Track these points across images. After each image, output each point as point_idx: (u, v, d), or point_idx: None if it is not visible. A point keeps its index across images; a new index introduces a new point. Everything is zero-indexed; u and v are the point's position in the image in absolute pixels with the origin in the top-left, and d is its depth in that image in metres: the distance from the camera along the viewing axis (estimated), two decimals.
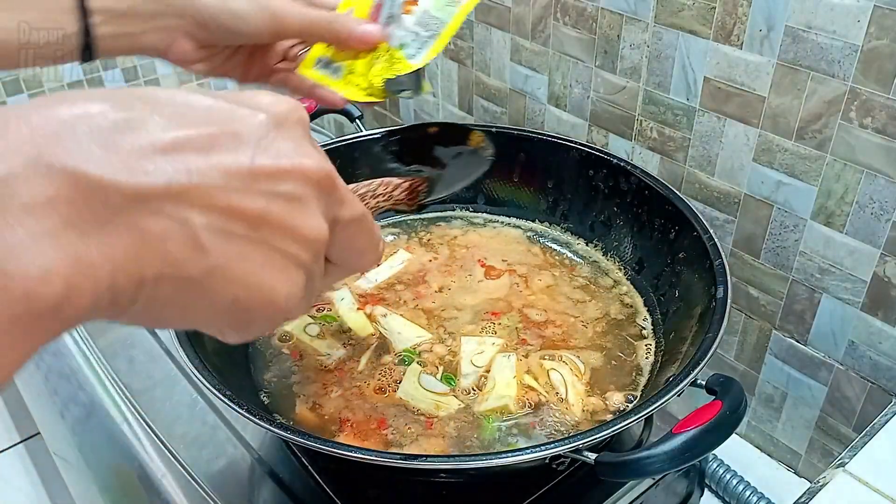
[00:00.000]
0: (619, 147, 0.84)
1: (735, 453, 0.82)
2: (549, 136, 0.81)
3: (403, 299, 0.75)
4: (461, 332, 0.70)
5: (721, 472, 0.79)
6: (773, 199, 0.72)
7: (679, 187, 0.78)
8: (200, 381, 0.54)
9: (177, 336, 0.57)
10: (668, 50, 0.74)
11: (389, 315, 0.72)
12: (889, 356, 0.69)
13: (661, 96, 0.77)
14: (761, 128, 0.70)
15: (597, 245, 0.80)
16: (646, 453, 0.46)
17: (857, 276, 0.68)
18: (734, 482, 0.78)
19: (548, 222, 0.83)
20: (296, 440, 0.51)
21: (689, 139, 0.76)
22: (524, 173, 0.83)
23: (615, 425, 0.49)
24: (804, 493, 0.52)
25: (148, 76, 1.44)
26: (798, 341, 0.76)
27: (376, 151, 0.64)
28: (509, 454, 0.49)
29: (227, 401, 0.53)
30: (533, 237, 0.83)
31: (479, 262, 0.79)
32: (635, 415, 0.50)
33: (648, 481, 0.65)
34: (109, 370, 0.77)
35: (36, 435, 1.02)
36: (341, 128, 1.28)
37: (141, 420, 0.71)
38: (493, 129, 0.84)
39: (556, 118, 0.90)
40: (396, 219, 0.85)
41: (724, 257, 0.63)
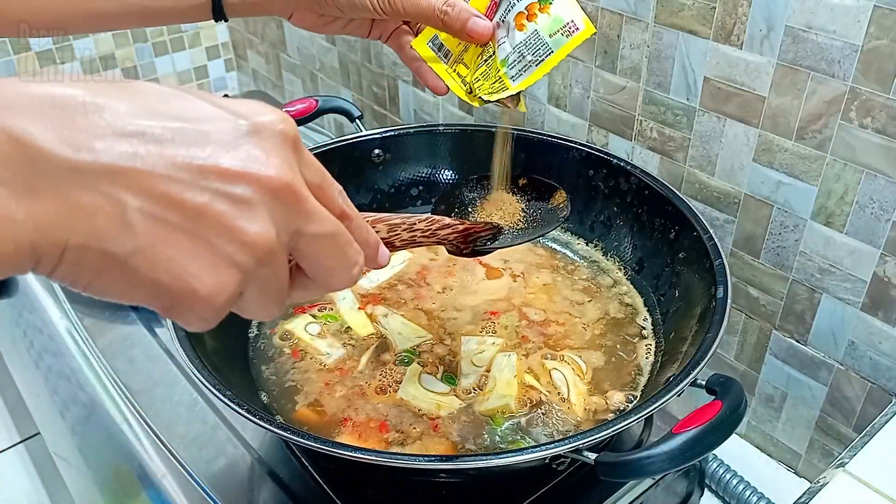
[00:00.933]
0: (619, 147, 0.84)
1: (735, 453, 0.82)
2: (549, 136, 0.81)
3: (404, 299, 0.75)
4: (461, 332, 0.70)
5: (721, 472, 0.79)
6: (773, 199, 0.72)
7: (679, 187, 0.78)
8: (200, 381, 0.54)
9: (177, 336, 0.58)
10: (668, 50, 0.74)
11: (390, 315, 0.72)
12: (889, 356, 0.69)
13: (661, 96, 0.77)
14: (761, 128, 0.70)
15: (597, 245, 0.80)
16: (646, 453, 0.46)
17: (857, 276, 0.68)
18: (734, 482, 0.78)
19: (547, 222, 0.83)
20: (296, 440, 0.51)
21: (689, 139, 0.76)
22: (523, 173, 0.83)
23: (615, 425, 0.49)
24: (804, 493, 0.52)
25: (148, 76, 1.44)
26: (798, 341, 0.76)
27: (454, 192, 0.66)
28: (509, 454, 0.49)
29: (227, 401, 0.53)
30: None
31: (478, 262, 0.79)
32: (635, 415, 0.50)
33: (648, 481, 0.65)
34: (109, 370, 0.77)
35: (36, 435, 1.02)
36: (341, 128, 1.28)
37: (141, 420, 0.71)
38: (493, 129, 0.84)
39: (556, 118, 0.90)
40: None
41: (724, 257, 0.63)
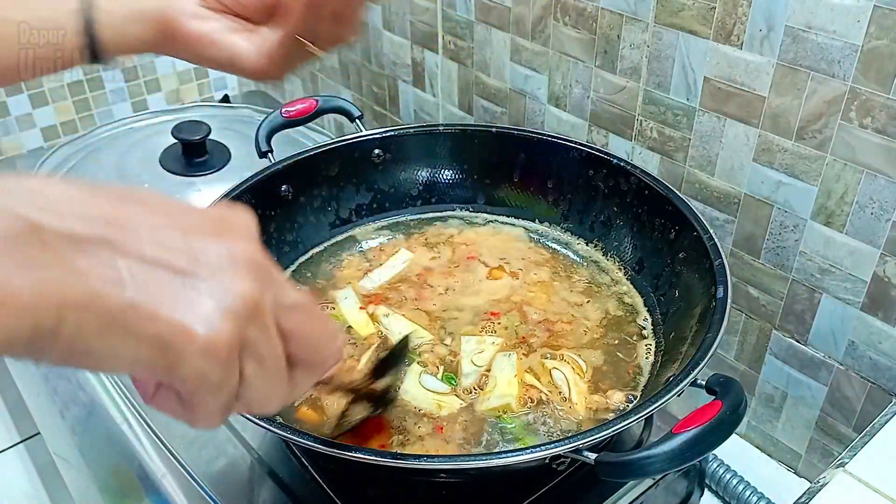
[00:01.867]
0: (619, 147, 0.84)
1: (735, 453, 0.82)
2: (549, 136, 0.81)
3: (406, 299, 0.75)
4: (461, 333, 0.70)
5: (721, 472, 0.79)
6: (773, 199, 0.72)
7: (679, 187, 0.78)
8: None
9: None
10: (668, 50, 0.74)
11: (391, 315, 0.72)
12: (889, 356, 0.69)
13: (661, 96, 0.77)
14: (761, 128, 0.70)
15: (597, 245, 0.80)
16: (646, 453, 0.46)
17: (857, 276, 0.68)
18: (734, 482, 0.78)
19: (548, 222, 0.83)
20: (296, 440, 0.51)
21: (689, 139, 0.76)
22: (524, 173, 0.83)
23: (615, 425, 0.49)
24: (804, 493, 0.52)
25: (148, 76, 1.44)
26: (798, 341, 0.76)
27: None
28: (509, 454, 0.49)
29: None
30: (533, 237, 0.83)
31: (478, 260, 0.79)
32: (635, 415, 0.50)
33: (648, 481, 0.65)
34: None
35: (36, 435, 1.02)
36: (341, 128, 1.28)
37: (141, 420, 0.71)
38: (493, 129, 0.84)
39: (556, 118, 0.90)
40: (395, 219, 0.85)
41: (724, 257, 0.63)
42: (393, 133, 0.85)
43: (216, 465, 0.67)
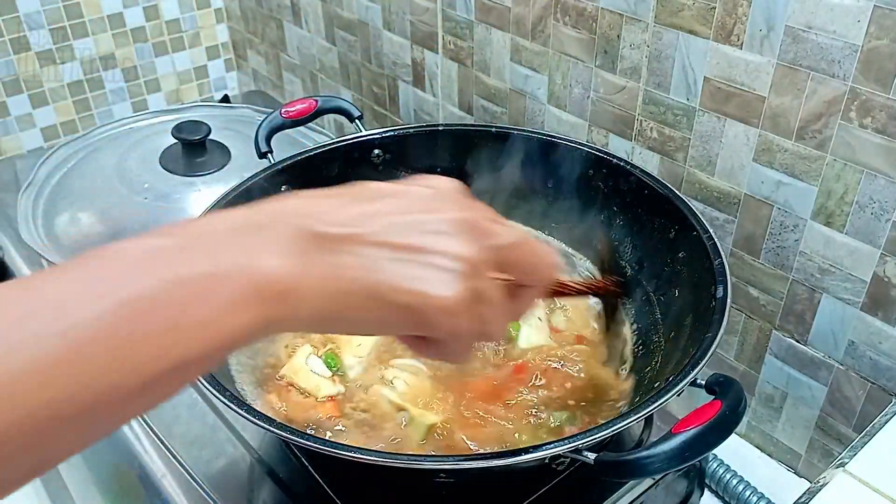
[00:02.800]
0: (619, 147, 0.84)
1: (735, 453, 0.82)
2: (550, 136, 0.81)
3: None
4: None
5: (721, 472, 0.79)
6: (773, 199, 0.72)
7: (679, 187, 0.78)
8: (200, 381, 0.54)
9: None
10: (668, 50, 0.74)
11: None
12: (889, 356, 0.69)
13: (661, 96, 0.77)
14: (761, 128, 0.70)
15: (597, 245, 0.79)
16: (646, 453, 0.45)
17: (857, 276, 0.68)
18: (734, 482, 0.78)
19: (547, 222, 0.83)
20: (296, 440, 0.51)
21: (689, 139, 0.76)
22: (524, 173, 0.83)
23: (615, 425, 0.49)
24: (804, 493, 0.52)
25: (148, 76, 1.44)
26: (798, 341, 0.76)
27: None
28: (509, 454, 0.49)
29: (226, 401, 0.53)
30: (532, 237, 0.83)
31: None
32: (635, 415, 0.50)
33: (648, 481, 0.65)
34: None
35: None
36: (341, 128, 1.28)
37: (141, 420, 0.71)
38: (493, 129, 0.84)
39: (556, 118, 0.90)
40: None
41: (724, 257, 0.63)
42: (393, 133, 0.85)
43: (216, 465, 0.67)
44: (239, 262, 0.33)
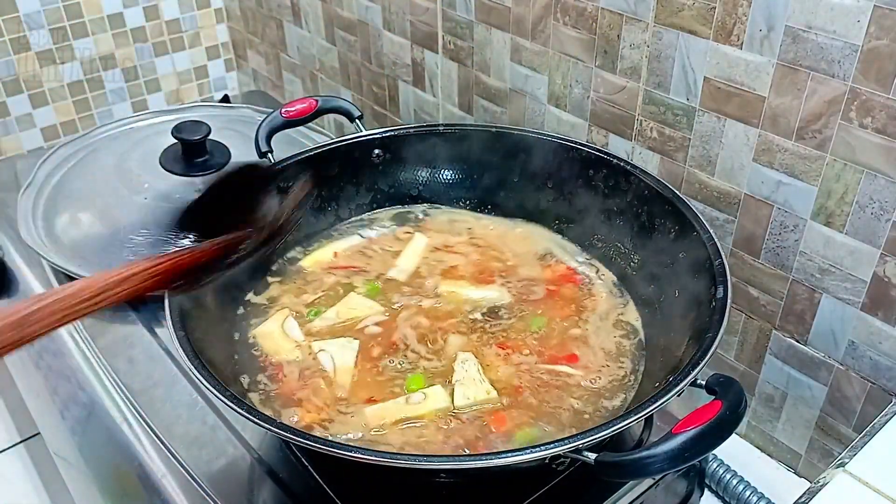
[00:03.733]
0: (619, 147, 0.84)
1: (735, 453, 0.82)
2: (549, 136, 0.81)
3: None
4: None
5: (721, 472, 0.79)
6: (773, 199, 0.72)
7: (679, 187, 0.78)
8: (200, 381, 0.54)
9: (176, 336, 0.57)
10: (668, 50, 0.74)
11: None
12: (889, 356, 0.69)
13: (661, 96, 0.77)
14: (761, 128, 0.70)
15: (597, 245, 0.79)
16: (646, 453, 0.46)
17: (857, 276, 0.68)
18: (734, 482, 0.78)
19: (548, 222, 0.83)
20: (296, 440, 0.51)
21: (689, 139, 0.76)
22: (524, 173, 0.83)
23: (615, 425, 0.49)
24: (804, 493, 0.52)
25: (148, 76, 1.44)
26: (798, 341, 0.76)
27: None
28: (509, 454, 0.49)
29: (227, 401, 0.53)
30: (532, 237, 0.83)
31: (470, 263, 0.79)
32: (635, 415, 0.50)
33: (648, 481, 0.65)
34: (109, 370, 0.77)
35: (36, 435, 1.02)
36: (341, 128, 1.28)
37: (141, 420, 0.71)
38: (493, 129, 0.84)
39: (556, 118, 0.90)
40: (397, 211, 0.85)
41: (724, 257, 0.63)
42: (393, 133, 0.85)
43: (216, 465, 0.67)
44: None
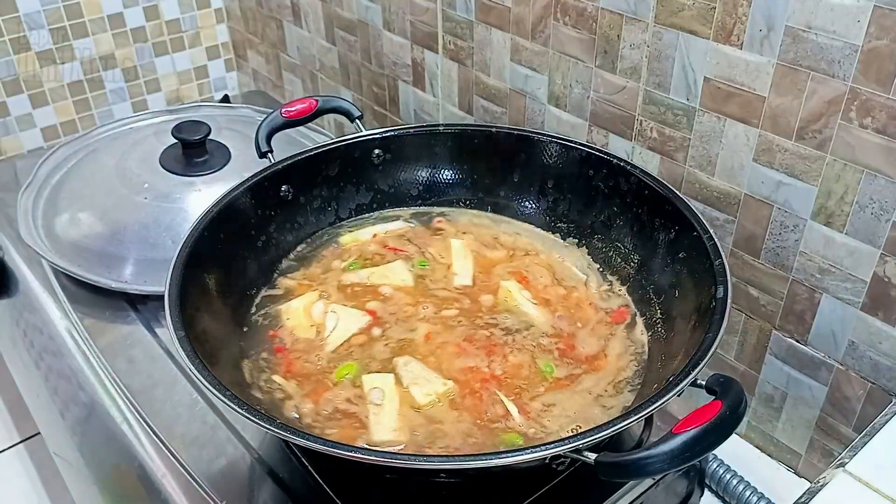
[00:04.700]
0: (619, 147, 0.84)
1: (735, 453, 0.82)
2: (549, 136, 0.81)
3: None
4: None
5: (721, 472, 0.79)
6: (773, 199, 0.72)
7: (679, 187, 0.78)
8: (200, 381, 0.54)
9: (176, 336, 0.57)
10: (668, 50, 0.74)
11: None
12: (889, 356, 0.69)
13: (661, 96, 0.77)
14: (761, 128, 0.70)
15: (597, 245, 0.79)
16: (646, 453, 0.46)
17: (857, 276, 0.68)
18: (734, 482, 0.78)
19: (547, 222, 0.83)
20: (296, 440, 0.51)
21: (689, 139, 0.76)
22: (524, 173, 0.83)
23: (615, 425, 0.49)
24: (804, 493, 0.52)
25: (148, 76, 1.44)
26: (798, 341, 0.76)
27: None
28: (509, 454, 0.49)
29: (227, 401, 0.53)
30: (532, 237, 0.83)
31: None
32: (635, 415, 0.50)
33: (648, 481, 0.65)
34: (109, 370, 0.77)
35: (36, 435, 1.02)
36: (341, 128, 1.28)
37: (141, 420, 0.71)
38: (493, 129, 0.84)
39: (556, 118, 0.90)
40: (401, 211, 0.85)
41: (724, 257, 0.63)
42: (393, 133, 0.85)
43: (216, 465, 0.67)
44: None
